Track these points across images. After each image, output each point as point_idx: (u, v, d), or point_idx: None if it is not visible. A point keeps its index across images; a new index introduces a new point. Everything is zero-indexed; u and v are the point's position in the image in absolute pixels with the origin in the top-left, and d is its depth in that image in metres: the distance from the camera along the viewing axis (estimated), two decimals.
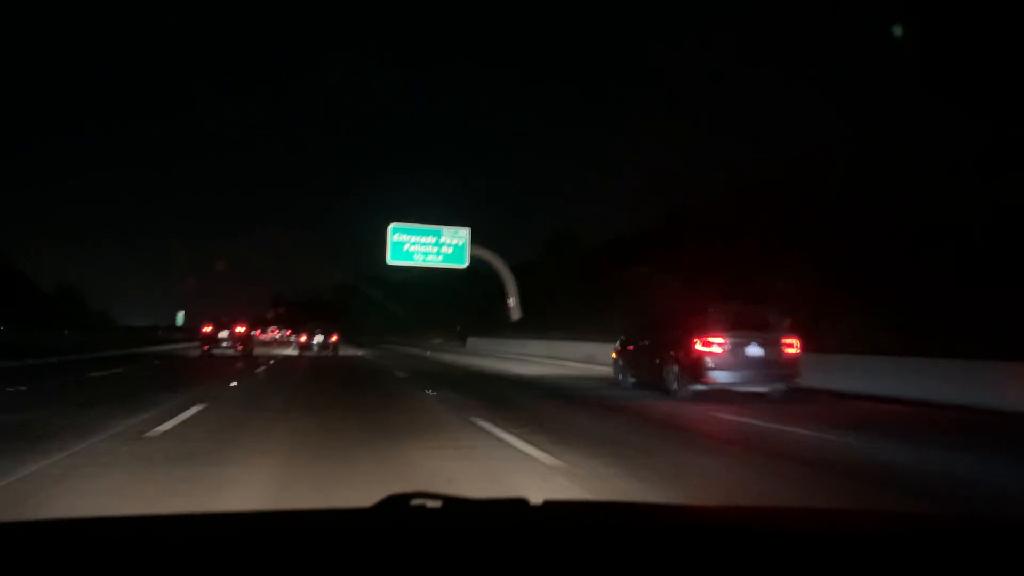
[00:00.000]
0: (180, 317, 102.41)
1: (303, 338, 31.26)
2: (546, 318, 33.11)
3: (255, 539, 1.24)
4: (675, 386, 11.62)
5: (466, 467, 5.58)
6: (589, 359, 22.08)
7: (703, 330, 11.15)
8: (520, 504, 1.39)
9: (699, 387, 11.20)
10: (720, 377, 11.02)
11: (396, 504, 1.39)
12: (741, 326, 11.22)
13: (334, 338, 30.67)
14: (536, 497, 1.45)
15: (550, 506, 1.46)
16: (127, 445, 6.26)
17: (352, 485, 4.90)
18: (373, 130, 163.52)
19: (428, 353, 33.47)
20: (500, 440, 6.97)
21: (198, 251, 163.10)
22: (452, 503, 1.40)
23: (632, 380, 13.71)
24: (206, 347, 27.58)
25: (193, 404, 9.23)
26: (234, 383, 13.82)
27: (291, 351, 32.86)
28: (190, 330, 57.49)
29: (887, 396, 11.53)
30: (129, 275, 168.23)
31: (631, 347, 13.99)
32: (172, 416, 8.07)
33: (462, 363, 24.04)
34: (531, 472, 5.45)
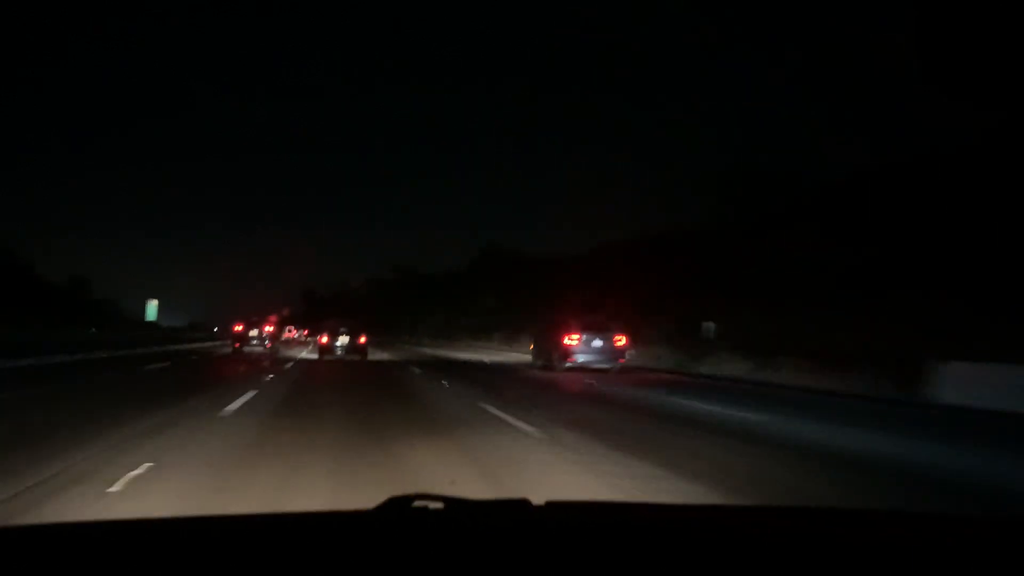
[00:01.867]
0: (152, 309, 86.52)
1: (324, 339, 25.59)
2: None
3: (258, 541, 1.26)
4: (556, 364, 19.50)
5: None
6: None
7: (568, 330, 19.04)
8: (522, 505, 1.43)
9: (567, 364, 19.07)
10: (578, 358, 18.91)
11: (398, 505, 1.41)
12: (590, 328, 19.12)
13: (362, 339, 25.12)
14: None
15: (552, 507, 1.48)
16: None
17: None
18: (372, 132, 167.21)
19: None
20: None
21: (221, 245, 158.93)
22: (454, 504, 1.41)
23: (540, 362, 21.54)
24: (237, 344, 30.60)
25: None
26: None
27: (308, 353, 29.35)
28: (205, 327, 60.99)
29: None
30: (136, 272, 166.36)
31: (538, 341, 21.90)
32: None
33: None
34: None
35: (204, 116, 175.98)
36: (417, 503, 1.40)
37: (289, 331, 78.94)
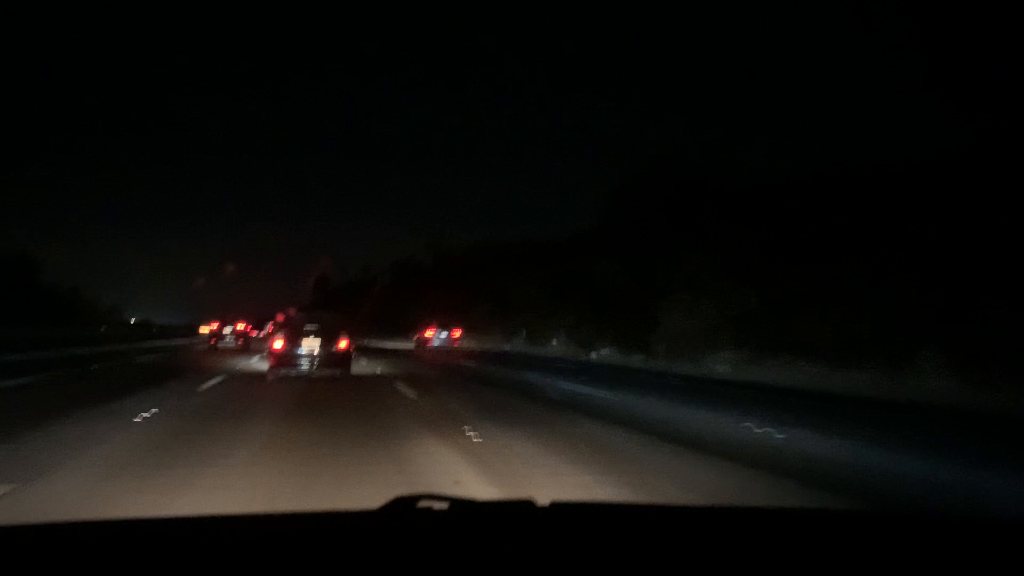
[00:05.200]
0: None
1: (279, 343, 15.86)
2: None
3: (264, 540, 1.29)
4: (423, 346, 35.09)
5: None
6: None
7: (426, 327, 34.73)
8: (526, 506, 1.45)
9: (428, 347, 34.62)
10: (434, 343, 34.50)
11: (403, 505, 1.43)
12: (440, 325, 34.81)
13: (343, 344, 16.29)
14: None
15: (557, 508, 1.50)
16: None
17: None
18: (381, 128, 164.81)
19: None
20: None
21: (225, 242, 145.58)
22: (459, 504, 1.43)
23: (417, 346, 37.01)
24: (213, 341, 34.53)
25: None
26: None
27: (259, 361, 20.32)
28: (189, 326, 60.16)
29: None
30: (140, 272, 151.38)
31: (417, 335, 37.54)
32: None
33: None
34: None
35: (204, 116, 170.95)
36: (422, 503, 1.42)
37: (269, 327, 71.35)
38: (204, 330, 37.88)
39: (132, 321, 79.42)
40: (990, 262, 15.18)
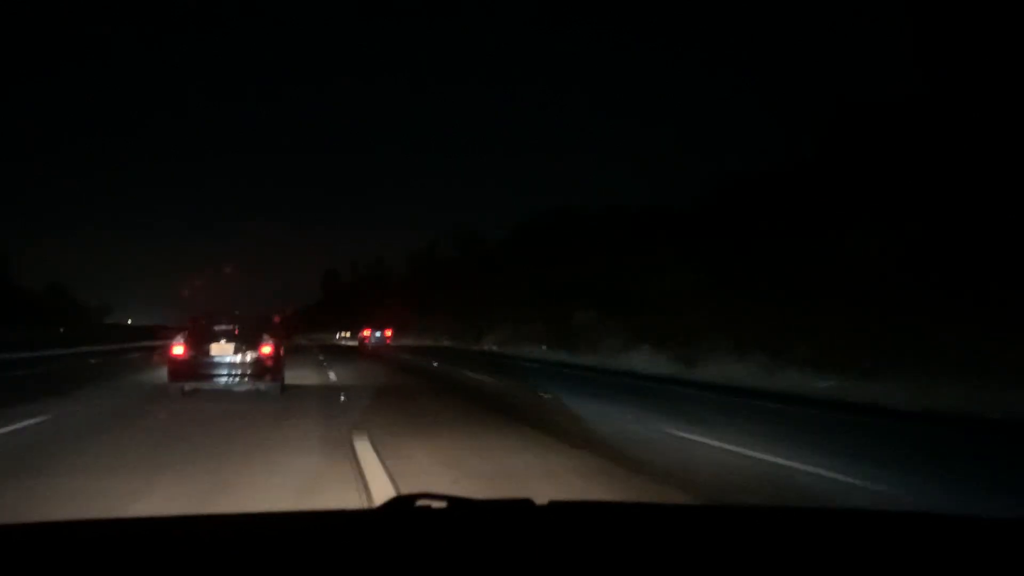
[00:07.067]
0: None
1: (179, 348, 12.51)
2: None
3: (263, 539, 1.30)
4: (362, 344, 43.80)
5: None
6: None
7: (366, 327, 43.59)
8: (525, 504, 1.45)
9: (367, 344, 43.30)
10: (371, 341, 43.27)
11: (402, 505, 1.45)
12: (375, 327, 43.68)
13: (268, 348, 12.68)
14: None
15: (554, 506, 1.51)
16: None
17: None
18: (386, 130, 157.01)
19: None
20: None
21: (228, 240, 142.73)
22: (457, 504, 1.44)
23: (357, 343, 45.57)
24: None
25: None
26: None
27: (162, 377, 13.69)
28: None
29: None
30: (138, 272, 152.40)
31: (356, 334, 46.21)
32: None
33: None
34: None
35: (204, 114, 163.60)
36: (421, 502, 1.43)
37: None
38: None
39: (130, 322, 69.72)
40: None
